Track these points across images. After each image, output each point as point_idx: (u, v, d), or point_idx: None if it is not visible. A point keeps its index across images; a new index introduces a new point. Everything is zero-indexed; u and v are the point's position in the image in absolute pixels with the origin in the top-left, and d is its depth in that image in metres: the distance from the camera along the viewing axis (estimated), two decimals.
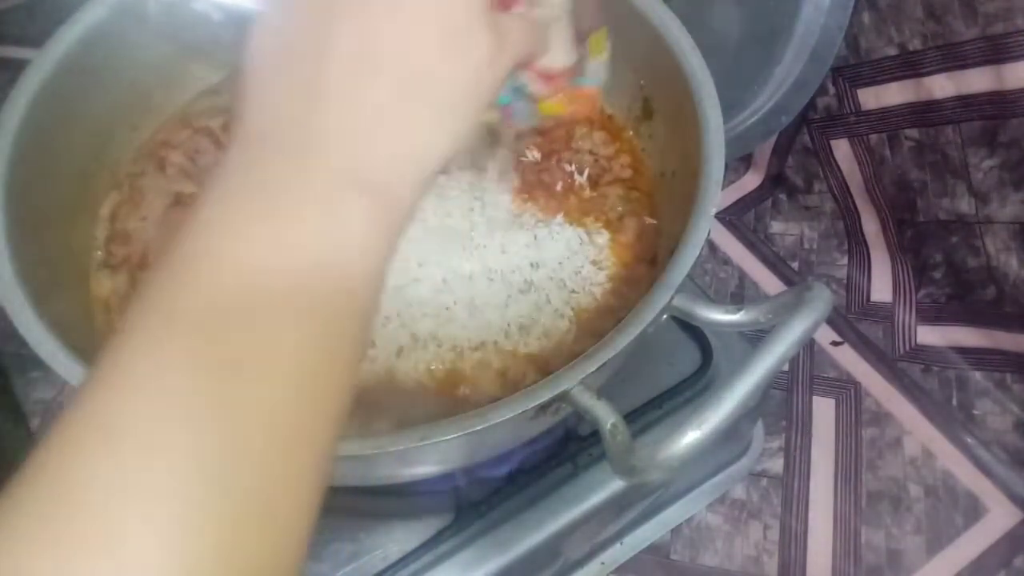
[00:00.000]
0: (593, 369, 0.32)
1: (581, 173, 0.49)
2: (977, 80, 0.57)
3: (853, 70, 0.66)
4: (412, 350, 0.42)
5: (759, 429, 0.64)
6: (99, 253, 0.46)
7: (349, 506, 0.48)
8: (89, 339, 0.41)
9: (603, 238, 0.46)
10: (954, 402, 0.66)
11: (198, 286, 0.20)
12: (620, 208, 0.48)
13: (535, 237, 0.46)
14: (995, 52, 0.55)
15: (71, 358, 0.33)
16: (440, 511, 0.48)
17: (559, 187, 0.49)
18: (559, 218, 0.47)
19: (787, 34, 0.65)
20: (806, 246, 0.77)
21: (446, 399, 0.41)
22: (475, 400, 0.41)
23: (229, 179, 0.22)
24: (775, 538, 0.60)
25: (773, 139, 0.76)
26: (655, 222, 0.47)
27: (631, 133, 0.51)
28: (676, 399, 0.52)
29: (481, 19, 0.23)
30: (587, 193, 0.48)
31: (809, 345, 0.70)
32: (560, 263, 0.45)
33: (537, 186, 0.49)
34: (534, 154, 0.50)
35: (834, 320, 0.71)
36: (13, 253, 0.36)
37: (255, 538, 0.19)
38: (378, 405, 0.40)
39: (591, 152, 0.50)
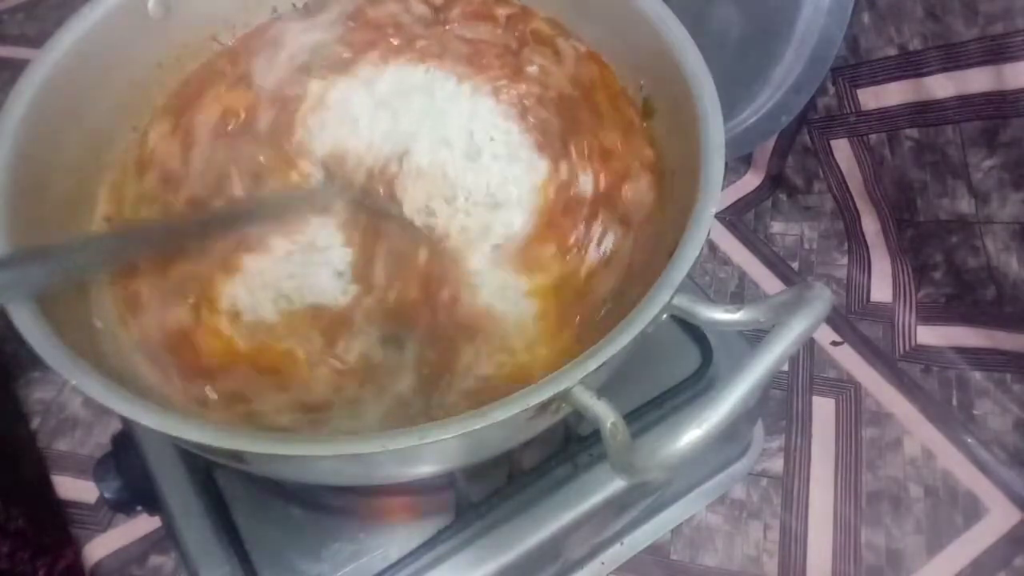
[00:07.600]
0: (593, 369, 0.32)
1: None
2: (977, 80, 0.57)
3: (853, 70, 0.66)
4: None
5: (759, 429, 0.64)
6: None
7: (349, 506, 0.48)
8: (89, 339, 0.41)
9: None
10: (954, 402, 0.66)
11: None
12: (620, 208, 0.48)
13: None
14: (995, 52, 0.55)
15: (71, 358, 0.33)
16: (440, 511, 0.48)
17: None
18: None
19: (787, 34, 0.65)
20: (806, 246, 0.77)
21: None
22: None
23: None
24: (775, 538, 0.60)
25: (773, 139, 0.76)
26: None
27: None
28: (676, 399, 0.52)
29: None
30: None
31: (809, 345, 0.70)
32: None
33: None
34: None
35: (834, 320, 0.71)
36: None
37: None
38: None
39: None
